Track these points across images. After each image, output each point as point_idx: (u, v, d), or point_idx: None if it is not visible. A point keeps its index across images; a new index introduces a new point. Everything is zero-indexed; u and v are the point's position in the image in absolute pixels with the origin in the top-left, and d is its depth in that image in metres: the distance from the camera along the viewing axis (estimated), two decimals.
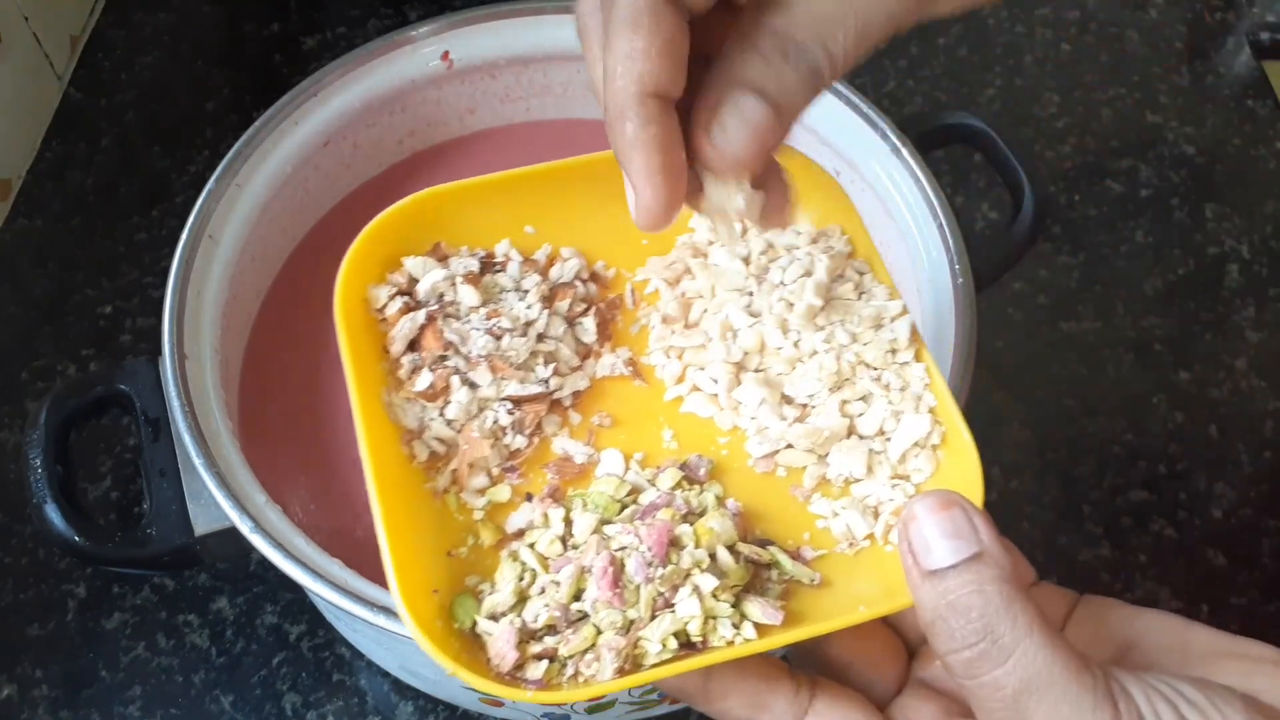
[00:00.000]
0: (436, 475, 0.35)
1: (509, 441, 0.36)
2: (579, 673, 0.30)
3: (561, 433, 0.36)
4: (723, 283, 0.37)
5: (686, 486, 0.34)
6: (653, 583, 0.30)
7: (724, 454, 0.36)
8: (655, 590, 0.30)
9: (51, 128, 0.73)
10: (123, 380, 0.46)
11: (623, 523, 0.32)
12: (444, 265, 0.37)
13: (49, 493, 0.43)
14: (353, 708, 0.53)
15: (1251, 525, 0.59)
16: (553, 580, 0.31)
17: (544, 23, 0.55)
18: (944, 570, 0.26)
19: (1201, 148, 0.74)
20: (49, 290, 0.66)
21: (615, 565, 0.31)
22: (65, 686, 0.53)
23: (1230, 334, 0.66)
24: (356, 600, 0.40)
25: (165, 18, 0.79)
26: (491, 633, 0.31)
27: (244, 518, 0.41)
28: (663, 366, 0.37)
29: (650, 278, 0.39)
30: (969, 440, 0.33)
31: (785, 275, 0.36)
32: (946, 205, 0.49)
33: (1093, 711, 0.24)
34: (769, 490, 0.35)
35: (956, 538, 0.26)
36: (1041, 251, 0.69)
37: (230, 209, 0.49)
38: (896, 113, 0.52)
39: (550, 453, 0.36)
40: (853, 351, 0.35)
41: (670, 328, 0.37)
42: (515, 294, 0.37)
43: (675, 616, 0.30)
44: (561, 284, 0.38)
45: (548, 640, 0.31)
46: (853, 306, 0.36)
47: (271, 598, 0.55)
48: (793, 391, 0.35)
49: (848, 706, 0.29)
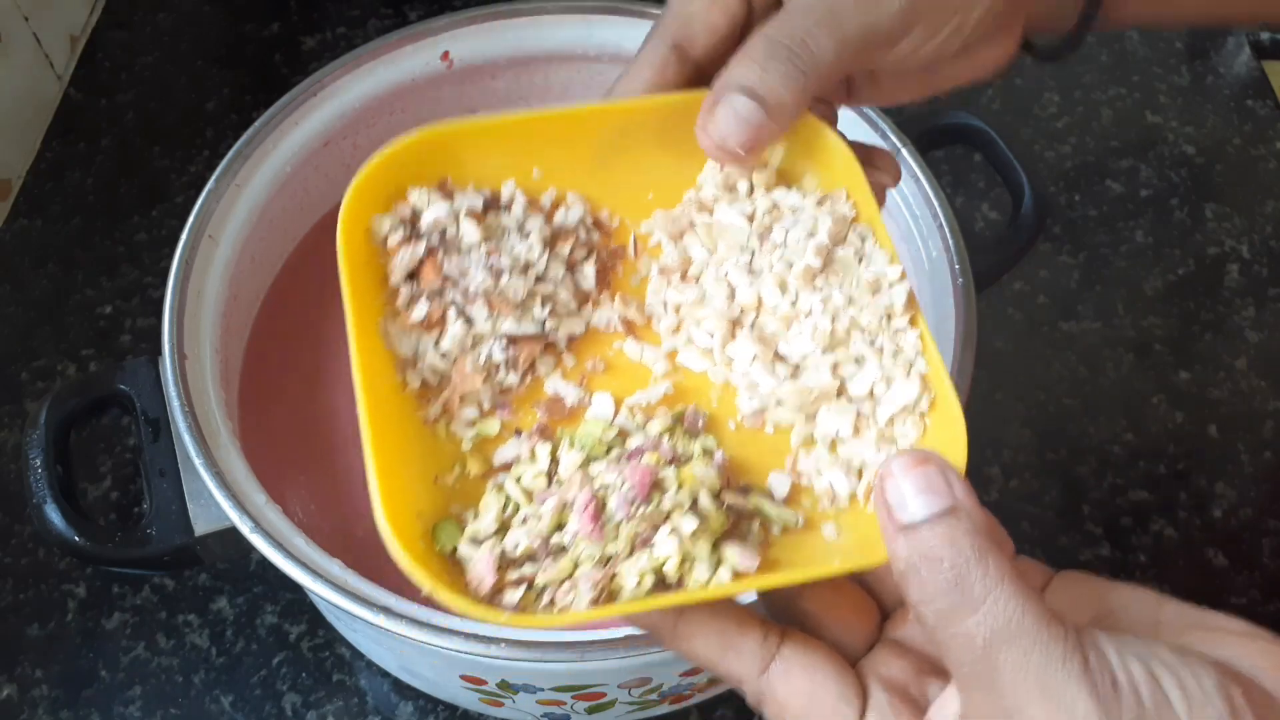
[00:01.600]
0: (428, 404, 0.35)
1: (502, 378, 0.36)
2: (555, 601, 0.30)
3: (554, 374, 0.37)
4: (725, 239, 0.38)
5: (675, 433, 0.35)
6: (633, 520, 0.31)
7: (715, 406, 0.36)
8: (635, 528, 0.31)
9: (51, 128, 0.73)
10: (123, 380, 0.46)
11: (608, 463, 0.33)
12: (449, 200, 0.37)
13: (49, 493, 0.43)
14: (353, 708, 0.53)
15: (1251, 525, 0.59)
16: (535, 512, 0.32)
17: (544, 23, 0.55)
18: (918, 524, 0.26)
19: (1201, 148, 0.74)
20: (49, 290, 0.66)
21: (597, 501, 0.32)
22: (65, 686, 0.53)
23: (1230, 334, 0.66)
24: (356, 600, 0.40)
25: (165, 18, 0.79)
26: (471, 556, 0.31)
27: (244, 518, 0.41)
28: (660, 318, 0.38)
29: (654, 230, 0.39)
30: (957, 409, 0.33)
31: (788, 236, 0.37)
32: (947, 205, 0.49)
33: (1063, 662, 0.24)
34: (756, 445, 0.35)
35: (930, 492, 0.26)
36: (1041, 251, 0.69)
37: (230, 209, 0.49)
38: (896, 113, 0.52)
39: (542, 392, 0.36)
40: (848, 314, 0.36)
41: (669, 280, 0.38)
42: (517, 234, 0.37)
43: (653, 555, 0.31)
44: (564, 229, 0.38)
45: (526, 568, 0.31)
46: (852, 269, 0.36)
47: (271, 598, 0.55)
48: (786, 350, 0.36)
49: (815, 655, 0.30)
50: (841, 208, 0.37)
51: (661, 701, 0.48)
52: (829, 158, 0.37)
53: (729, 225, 0.37)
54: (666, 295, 0.38)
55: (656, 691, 0.46)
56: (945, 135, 0.54)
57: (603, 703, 0.46)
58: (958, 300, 0.46)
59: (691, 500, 0.32)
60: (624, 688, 0.45)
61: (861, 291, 0.36)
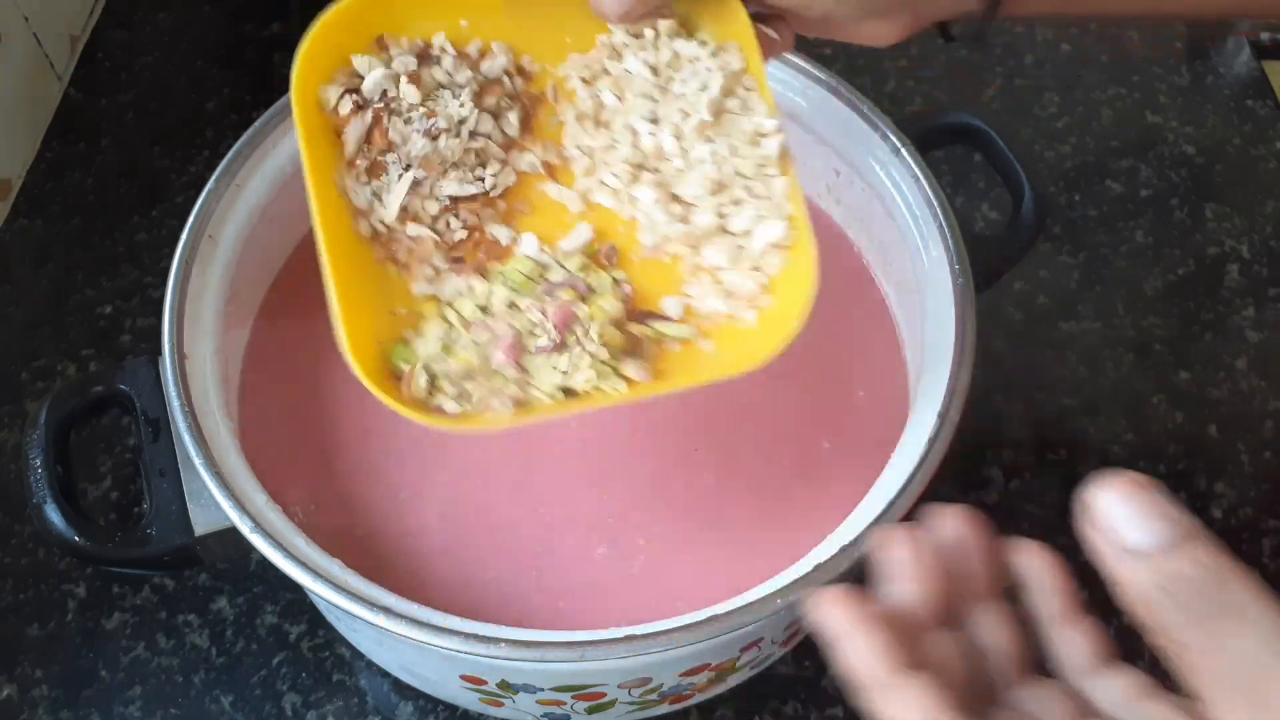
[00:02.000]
0: (381, 248, 0.41)
1: (450, 237, 0.42)
2: (486, 410, 0.38)
3: (491, 221, 0.42)
4: (632, 88, 0.43)
5: (589, 269, 0.42)
6: (548, 355, 0.39)
7: (622, 238, 0.43)
8: (551, 361, 0.39)
9: (51, 128, 0.73)
10: (123, 380, 0.46)
11: (532, 299, 0.40)
12: (386, 63, 0.42)
13: (49, 493, 0.43)
14: (353, 708, 0.53)
15: (1251, 525, 0.59)
16: (472, 340, 0.39)
17: None
18: (1155, 550, 0.26)
19: (1201, 148, 0.74)
20: (49, 290, 0.66)
21: (517, 336, 0.39)
22: (65, 686, 0.53)
23: (1230, 334, 0.66)
24: (356, 600, 0.40)
25: (165, 18, 0.79)
26: (411, 368, 0.38)
27: (244, 518, 0.41)
28: (575, 160, 0.43)
29: (570, 75, 0.44)
30: (813, 247, 0.40)
31: (686, 88, 0.42)
32: (947, 205, 0.49)
33: None
34: (656, 272, 0.42)
35: (1160, 518, 0.27)
36: (1041, 251, 0.69)
37: (230, 209, 0.49)
38: (897, 113, 0.52)
39: (484, 236, 0.42)
40: (732, 164, 0.41)
41: (583, 126, 0.43)
42: (450, 91, 0.42)
43: (564, 375, 0.38)
44: (491, 79, 0.43)
45: (464, 384, 0.38)
46: (737, 122, 0.42)
47: (271, 598, 0.55)
48: (680, 192, 0.42)
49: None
50: (732, 61, 0.42)
51: (661, 701, 0.48)
52: (725, 11, 0.42)
53: (635, 75, 0.43)
54: (580, 140, 0.43)
55: (656, 691, 0.46)
56: (945, 135, 0.54)
57: (603, 703, 0.46)
58: (958, 300, 0.46)
59: (600, 330, 0.39)
60: (624, 688, 0.45)
61: (743, 142, 0.42)
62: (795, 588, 0.40)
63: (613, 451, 0.50)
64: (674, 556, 0.47)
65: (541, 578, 0.46)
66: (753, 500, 0.49)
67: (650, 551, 0.47)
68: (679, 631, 0.39)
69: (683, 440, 0.50)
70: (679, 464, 0.49)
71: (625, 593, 0.46)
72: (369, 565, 0.43)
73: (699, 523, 0.48)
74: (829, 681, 0.54)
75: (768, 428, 0.50)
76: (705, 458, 0.49)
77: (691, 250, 0.42)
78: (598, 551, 0.47)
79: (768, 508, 0.48)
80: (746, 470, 0.49)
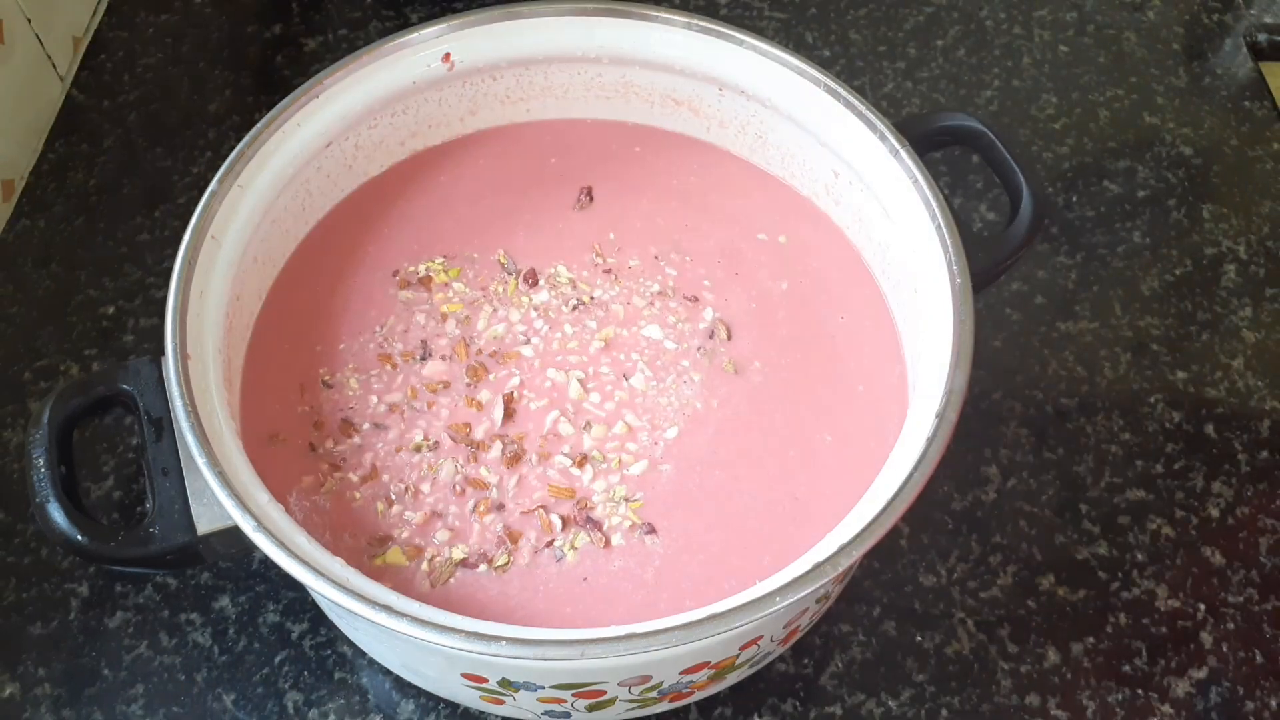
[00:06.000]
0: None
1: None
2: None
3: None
4: None
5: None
6: None
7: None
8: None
9: (54, 128, 0.73)
10: (125, 380, 0.46)
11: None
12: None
13: (52, 492, 0.43)
14: (354, 706, 0.53)
15: (1249, 524, 0.59)
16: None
17: (545, 25, 0.56)
18: None
19: (1199, 149, 0.74)
20: (52, 290, 0.66)
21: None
22: (68, 685, 0.53)
23: (1227, 334, 0.66)
24: (358, 599, 0.40)
25: (168, 19, 0.79)
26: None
27: (246, 517, 0.41)
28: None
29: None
30: None
31: None
32: (945, 206, 0.49)
33: None
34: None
35: None
36: (1039, 252, 0.69)
37: (233, 209, 0.49)
38: (895, 114, 0.52)
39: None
40: None
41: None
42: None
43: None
44: None
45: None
46: None
47: (273, 596, 0.56)
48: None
49: None
50: None
51: (661, 699, 0.49)
52: None
53: None
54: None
55: (656, 689, 0.47)
56: (943, 137, 0.54)
57: (603, 700, 0.46)
58: (956, 300, 0.47)
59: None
60: (624, 685, 0.45)
61: None
62: (794, 586, 0.40)
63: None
64: (686, 555, 0.47)
65: (546, 578, 0.47)
66: (761, 494, 0.49)
67: (661, 553, 0.47)
68: (679, 630, 0.39)
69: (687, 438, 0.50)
70: (691, 462, 0.50)
71: (635, 594, 0.46)
72: (370, 564, 0.43)
73: (707, 522, 0.48)
74: (827, 679, 0.54)
75: (772, 421, 0.51)
76: (718, 456, 0.50)
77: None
78: (604, 551, 0.47)
79: (775, 501, 0.49)
80: (755, 465, 0.50)
